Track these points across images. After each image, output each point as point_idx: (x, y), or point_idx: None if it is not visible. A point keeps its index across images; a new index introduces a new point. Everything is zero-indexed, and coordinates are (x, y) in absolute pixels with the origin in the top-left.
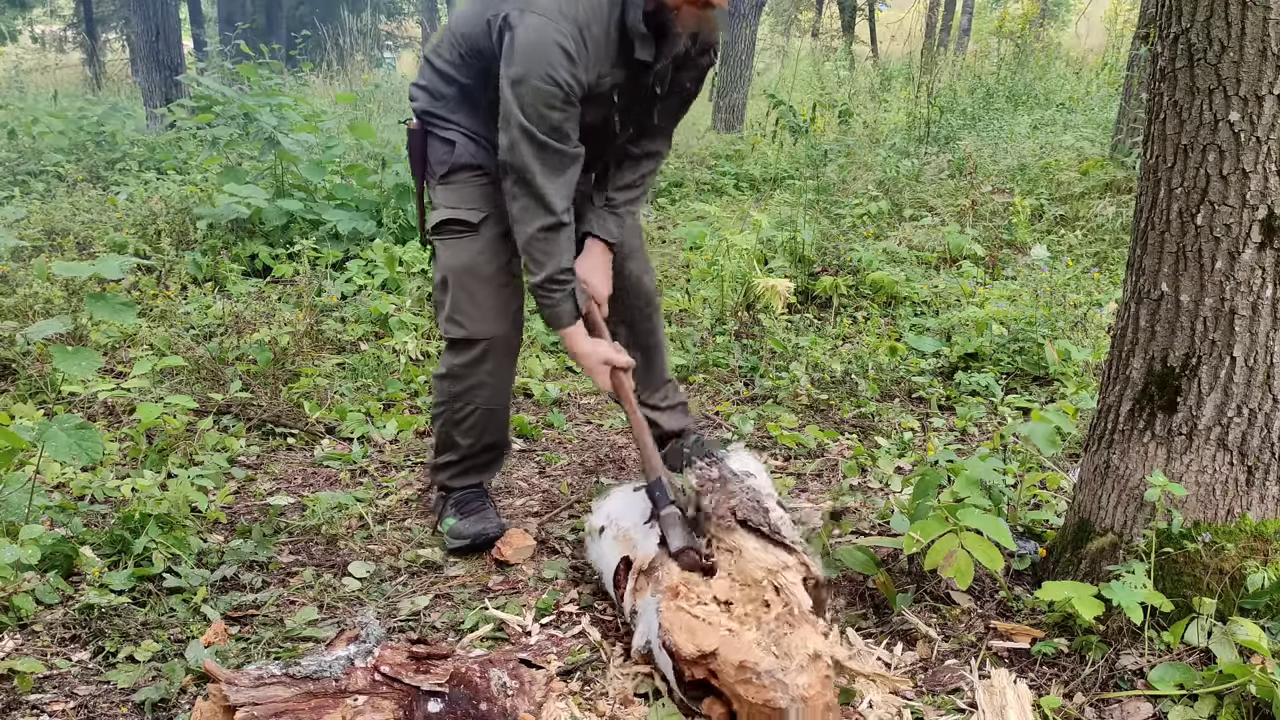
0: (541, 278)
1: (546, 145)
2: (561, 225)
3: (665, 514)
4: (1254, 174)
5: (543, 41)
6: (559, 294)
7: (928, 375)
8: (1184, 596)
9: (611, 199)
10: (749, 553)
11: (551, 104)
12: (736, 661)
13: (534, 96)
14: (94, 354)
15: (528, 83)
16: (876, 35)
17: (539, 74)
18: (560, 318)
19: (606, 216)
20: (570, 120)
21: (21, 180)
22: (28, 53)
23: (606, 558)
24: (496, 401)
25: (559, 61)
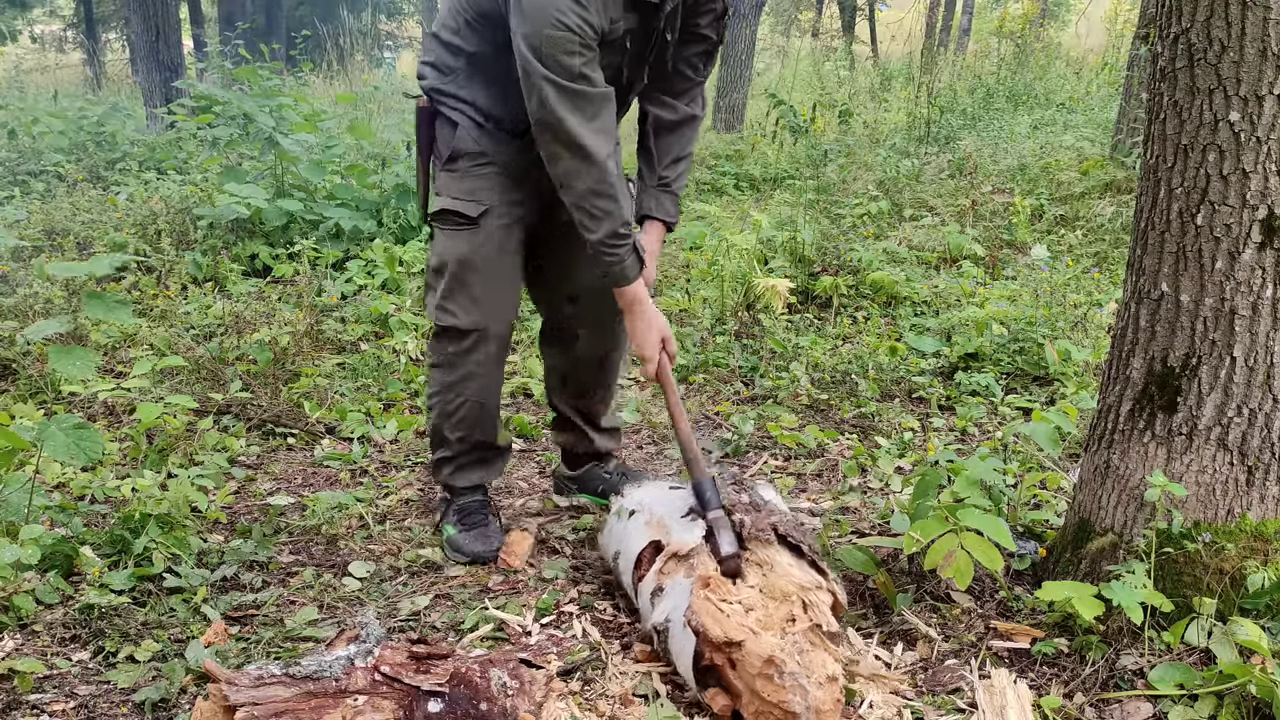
0: (600, 234)
1: (574, 91)
2: (608, 173)
3: (715, 516)
4: (1254, 174)
5: None
6: (621, 248)
7: (928, 375)
8: (1184, 596)
9: (664, 177)
10: (781, 568)
11: (569, 49)
12: (765, 655)
13: (549, 46)
14: (90, 353)
15: (540, 33)
16: (876, 35)
17: (550, 21)
18: (626, 273)
19: (662, 196)
20: (590, 63)
21: (22, 180)
22: (28, 53)
23: (632, 539)
24: (486, 396)
25: (567, 6)
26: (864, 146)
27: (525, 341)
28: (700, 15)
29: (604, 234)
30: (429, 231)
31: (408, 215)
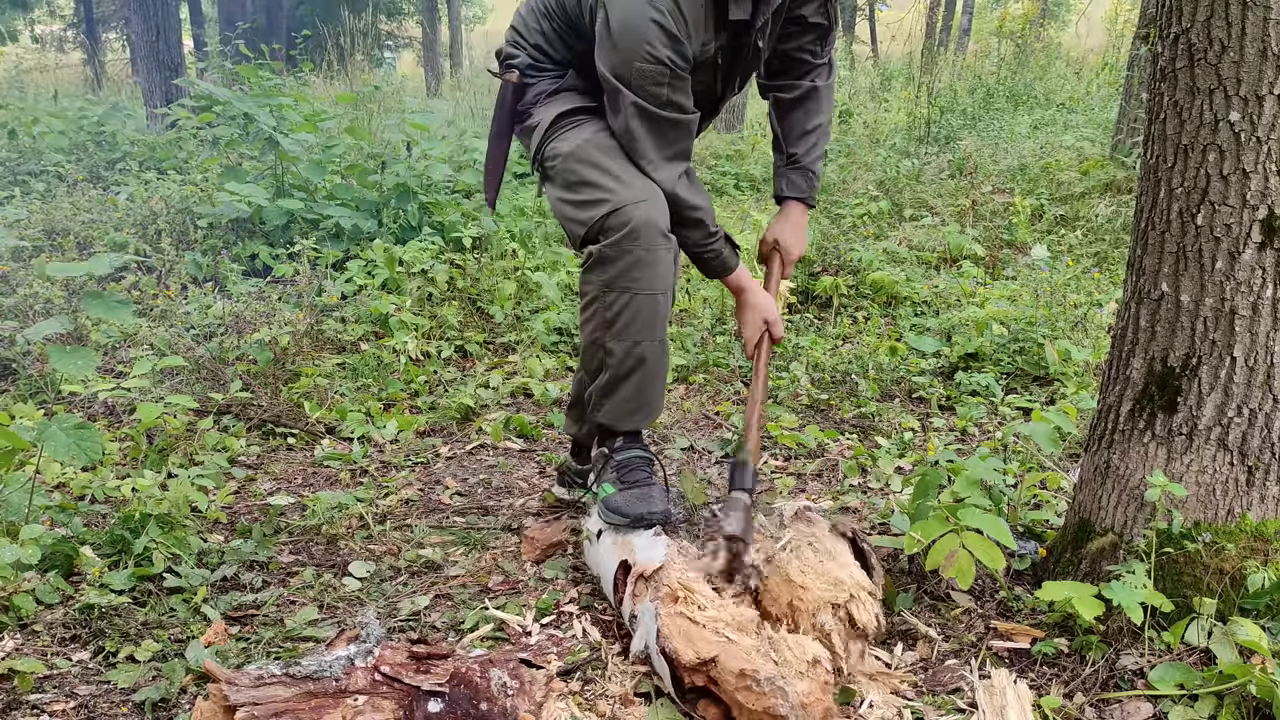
0: (692, 240)
1: (660, 118)
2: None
3: (734, 495)
4: (1254, 174)
5: (637, 22)
6: (713, 244)
7: (928, 375)
8: (1184, 597)
9: (793, 155)
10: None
11: (660, 82)
12: (736, 669)
13: (639, 78)
14: (91, 353)
15: (630, 65)
16: (877, 35)
17: (640, 55)
18: (726, 264)
19: (792, 174)
20: (681, 90)
21: (22, 180)
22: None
23: (604, 562)
24: (659, 286)
25: (658, 39)
26: (864, 146)
27: (524, 341)
28: (804, 6)
29: (698, 238)
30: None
31: (407, 215)
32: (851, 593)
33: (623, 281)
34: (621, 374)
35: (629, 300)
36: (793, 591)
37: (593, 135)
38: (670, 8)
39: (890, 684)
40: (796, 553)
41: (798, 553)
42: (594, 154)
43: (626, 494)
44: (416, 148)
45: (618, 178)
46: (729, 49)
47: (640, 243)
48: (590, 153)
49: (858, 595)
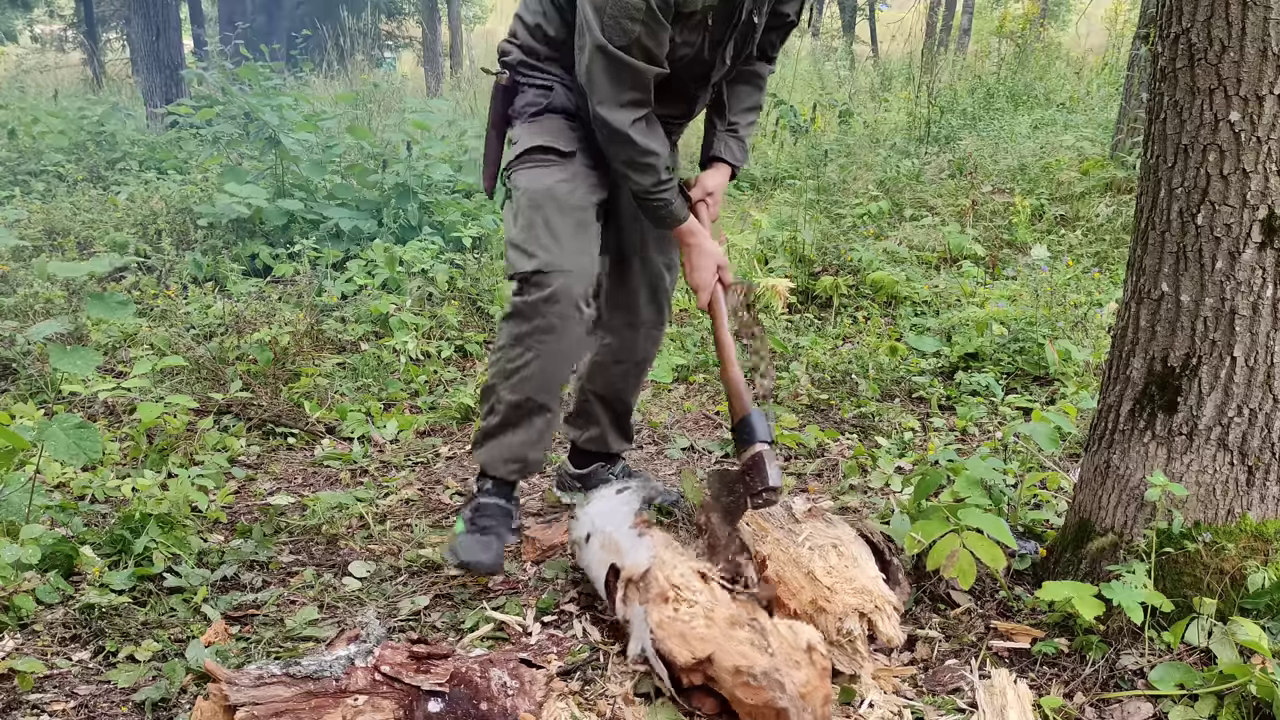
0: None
1: (621, 61)
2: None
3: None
4: (1254, 174)
5: None
6: (665, 193)
7: (928, 375)
8: (1184, 596)
9: (733, 123)
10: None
11: (634, 17)
12: (731, 666)
13: (614, 8)
14: (92, 353)
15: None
16: (877, 35)
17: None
18: (676, 214)
19: (729, 140)
20: (653, 36)
21: (22, 180)
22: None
23: (594, 566)
24: (559, 361)
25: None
26: (864, 146)
27: None
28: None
29: (648, 184)
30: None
31: (407, 215)
32: (877, 604)
33: (530, 340)
34: (508, 424)
35: (532, 359)
36: (817, 590)
37: (553, 185)
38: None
39: (891, 683)
40: (821, 553)
41: (822, 553)
42: (546, 206)
43: (469, 537)
44: (416, 147)
45: (556, 240)
46: (720, 14)
47: (554, 310)
48: (543, 203)
49: (883, 608)
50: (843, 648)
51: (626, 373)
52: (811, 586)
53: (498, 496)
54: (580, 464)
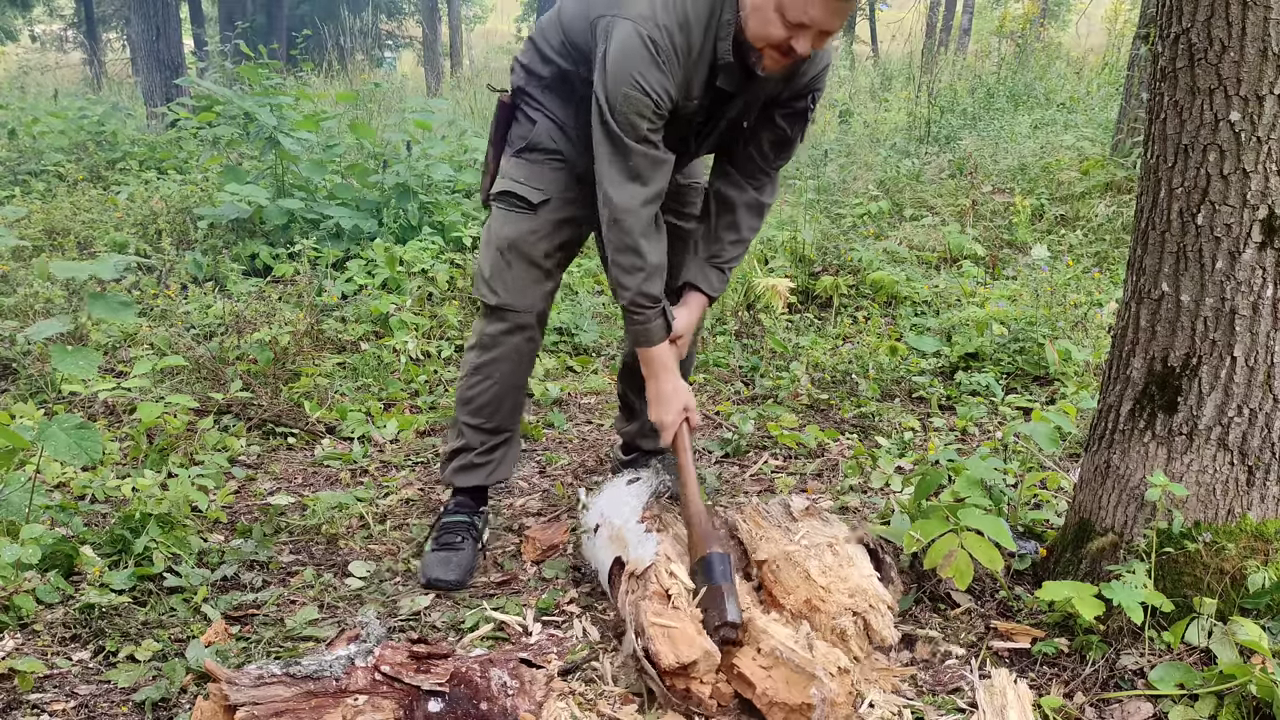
0: (630, 293)
1: (632, 151)
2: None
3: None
4: (1254, 174)
5: (633, 47)
6: (649, 311)
7: (928, 375)
8: (1184, 596)
9: (715, 254)
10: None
11: (642, 112)
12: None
13: (625, 104)
14: (94, 353)
15: (619, 90)
16: (877, 35)
17: (629, 82)
18: (650, 335)
19: (710, 270)
20: (657, 130)
21: (22, 180)
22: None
23: (600, 557)
24: (514, 381)
25: (650, 70)
26: (864, 146)
27: None
28: (781, 108)
29: (634, 292)
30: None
31: (408, 215)
32: (871, 603)
33: (489, 369)
34: (470, 446)
35: (488, 386)
36: (812, 590)
37: (519, 237)
38: (668, 50)
39: (891, 683)
40: (816, 552)
41: (818, 552)
42: (509, 255)
43: (434, 555)
44: (417, 147)
45: (517, 284)
46: (707, 114)
47: (512, 341)
48: (506, 252)
49: (877, 606)
50: (836, 646)
51: None
52: (806, 585)
53: (459, 513)
54: (626, 451)
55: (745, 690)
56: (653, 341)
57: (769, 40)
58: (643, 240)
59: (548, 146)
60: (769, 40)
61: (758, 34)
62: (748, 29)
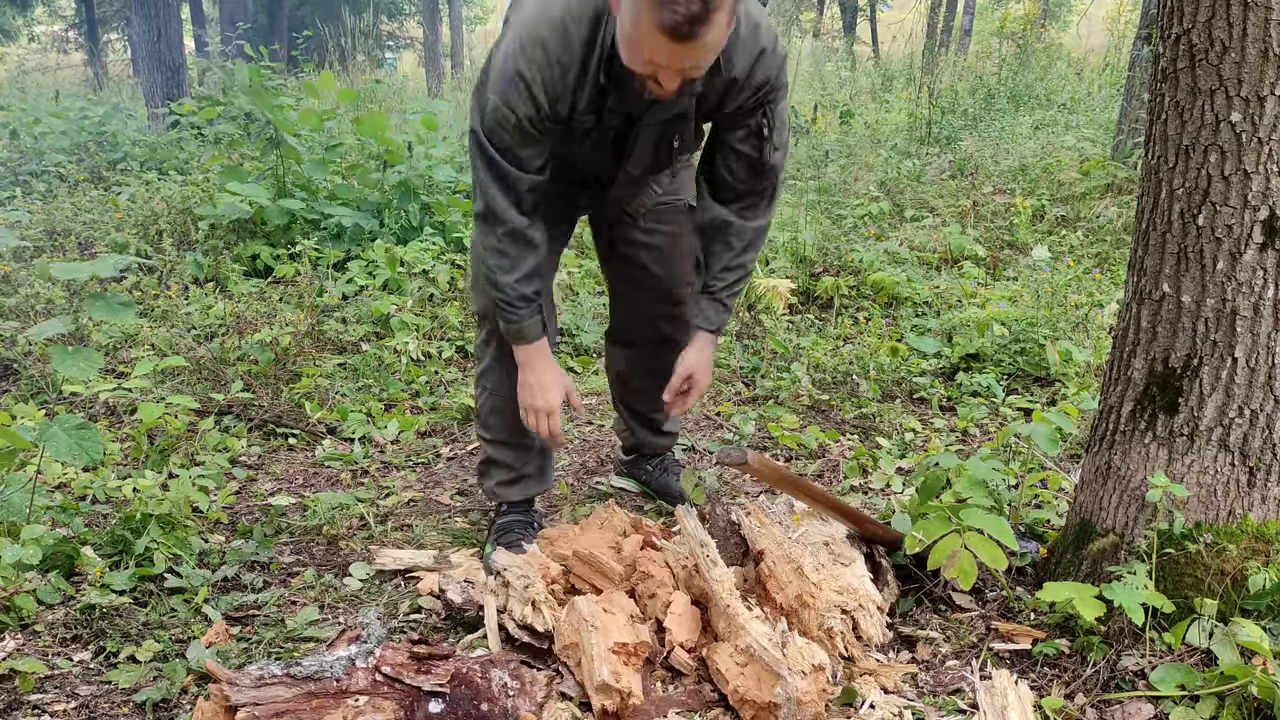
0: (500, 294)
1: (494, 161)
2: (515, 234)
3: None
4: (1256, 175)
5: (508, 70)
6: (516, 312)
7: (929, 376)
8: (1185, 597)
9: (709, 285)
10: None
11: (505, 127)
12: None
13: (492, 114)
14: (94, 354)
15: (488, 101)
16: (878, 36)
17: (500, 98)
18: (525, 332)
19: (706, 303)
20: (525, 146)
21: (23, 180)
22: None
23: None
24: (502, 391)
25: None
26: (865, 147)
27: None
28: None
29: (501, 294)
30: None
31: (409, 215)
32: (860, 602)
33: (484, 380)
34: (492, 460)
35: (487, 398)
36: (804, 586)
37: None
38: (544, 66)
39: (891, 684)
40: (813, 550)
41: (814, 550)
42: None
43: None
44: (419, 147)
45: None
46: (616, 131)
47: (491, 349)
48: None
49: (866, 606)
50: (823, 643)
51: (644, 387)
52: (799, 581)
53: (513, 514)
54: (626, 453)
55: (722, 686)
56: (526, 339)
57: (639, 72)
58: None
59: None
60: (639, 72)
61: (629, 64)
62: (623, 58)
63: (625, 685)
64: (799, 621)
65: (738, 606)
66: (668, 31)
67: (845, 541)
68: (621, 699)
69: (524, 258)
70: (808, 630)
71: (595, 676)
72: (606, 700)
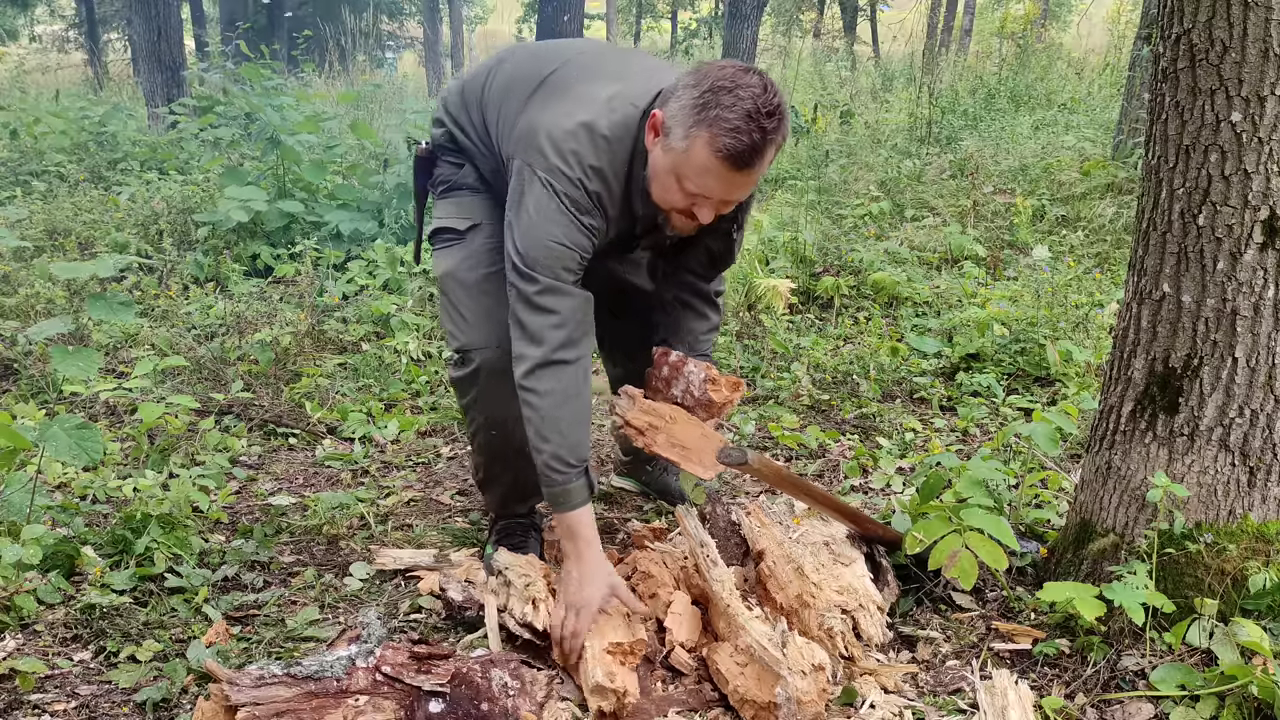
0: (546, 455)
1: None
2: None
3: None
4: (1256, 174)
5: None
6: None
7: (929, 376)
8: (1185, 597)
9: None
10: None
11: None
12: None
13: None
14: (94, 354)
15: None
16: (878, 35)
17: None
18: (570, 496)
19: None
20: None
21: (23, 180)
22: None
23: None
24: (496, 425)
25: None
26: (865, 147)
27: None
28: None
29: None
30: None
31: (408, 215)
32: (861, 602)
33: (472, 411)
34: (489, 479)
35: (479, 428)
36: (804, 585)
37: (453, 267)
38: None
39: (892, 684)
40: (813, 550)
41: (814, 550)
42: (450, 290)
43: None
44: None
45: (465, 319)
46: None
47: (479, 383)
48: (447, 288)
49: (867, 606)
50: (824, 643)
51: None
52: (799, 581)
53: (515, 518)
54: (625, 452)
55: (722, 686)
56: (571, 505)
57: (671, 206)
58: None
59: (473, 185)
60: (671, 206)
61: (660, 199)
62: (651, 192)
63: (620, 685)
64: (799, 621)
65: (738, 606)
66: (728, 159)
67: (845, 541)
68: (618, 699)
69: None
70: (808, 630)
71: (590, 678)
72: (603, 702)
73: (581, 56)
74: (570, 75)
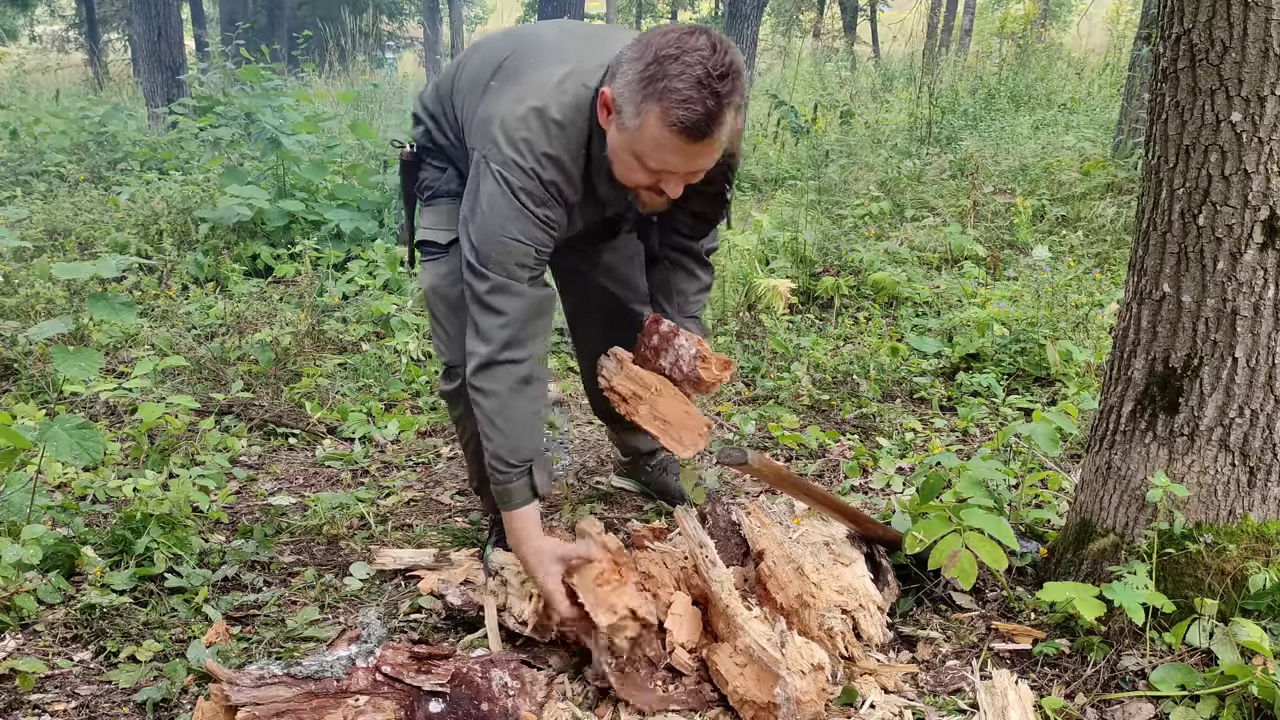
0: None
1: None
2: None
3: None
4: (1256, 174)
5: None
6: (509, 472)
7: (929, 376)
8: (1186, 597)
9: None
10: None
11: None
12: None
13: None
14: (95, 354)
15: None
16: (878, 35)
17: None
18: (510, 495)
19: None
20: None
21: (23, 180)
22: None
23: None
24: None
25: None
26: (865, 147)
27: None
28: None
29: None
30: None
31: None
32: (861, 602)
33: (464, 423)
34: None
35: (470, 437)
36: (804, 585)
37: (436, 282)
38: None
39: (892, 684)
40: (813, 550)
41: (815, 550)
42: (435, 306)
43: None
44: None
45: (450, 335)
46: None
47: (463, 399)
48: (431, 303)
49: (867, 606)
50: (824, 643)
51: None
52: (799, 581)
53: None
54: (625, 453)
55: (722, 687)
56: (512, 504)
57: (637, 184)
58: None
59: (456, 191)
60: (637, 184)
61: (624, 179)
62: (615, 172)
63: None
64: (799, 621)
65: (737, 606)
66: (684, 131)
67: (845, 541)
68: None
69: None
70: (808, 630)
71: (601, 626)
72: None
73: (539, 38)
74: (523, 60)
